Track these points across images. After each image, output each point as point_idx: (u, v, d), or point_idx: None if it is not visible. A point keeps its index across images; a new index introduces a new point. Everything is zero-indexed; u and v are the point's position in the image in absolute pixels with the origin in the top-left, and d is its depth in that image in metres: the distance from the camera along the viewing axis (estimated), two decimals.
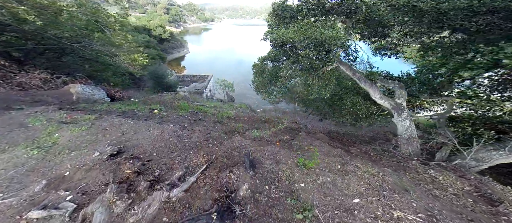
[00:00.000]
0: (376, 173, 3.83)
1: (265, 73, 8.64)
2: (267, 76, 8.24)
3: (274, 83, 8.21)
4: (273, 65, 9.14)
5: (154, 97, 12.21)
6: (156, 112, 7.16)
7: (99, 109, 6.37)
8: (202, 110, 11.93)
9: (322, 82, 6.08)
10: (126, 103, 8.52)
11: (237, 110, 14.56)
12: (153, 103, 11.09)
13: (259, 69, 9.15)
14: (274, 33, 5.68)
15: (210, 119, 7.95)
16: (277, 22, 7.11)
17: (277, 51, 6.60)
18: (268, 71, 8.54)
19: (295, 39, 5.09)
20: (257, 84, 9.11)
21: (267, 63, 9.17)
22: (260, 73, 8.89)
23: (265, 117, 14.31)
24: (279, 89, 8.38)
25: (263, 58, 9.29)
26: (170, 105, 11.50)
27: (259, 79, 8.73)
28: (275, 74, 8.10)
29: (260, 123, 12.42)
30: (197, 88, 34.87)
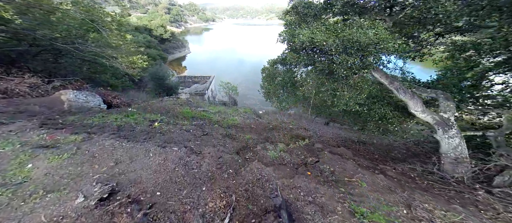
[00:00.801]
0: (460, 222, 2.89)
1: (276, 79, 7.69)
2: (279, 82, 7.30)
3: (287, 90, 7.27)
4: (285, 68, 8.19)
5: (155, 102, 11.28)
6: (156, 125, 6.22)
7: (90, 124, 5.43)
8: (207, 117, 11.01)
9: (353, 92, 5.15)
10: (123, 112, 7.60)
11: (242, 115, 13.64)
12: (153, 110, 10.15)
13: (270, 73, 8.20)
14: (300, 34, 4.74)
15: (217, 131, 7.02)
16: (297, 21, 6.16)
17: (297, 55, 5.66)
18: (280, 76, 7.60)
19: (329, 42, 4.17)
20: (267, 91, 8.17)
21: (278, 67, 8.23)
22: (271, 79, 7.95)
23: (272, 123, 13.37)
24: (293, 97, 7.45)
25: (274, 61, 8.35)
26: (172, 112, 10.57)
27: (270, 86, 7.79)
28: (289, 80, 7.15)
29: (269, 131, 11.49)
30: (198, 89, 34.01)
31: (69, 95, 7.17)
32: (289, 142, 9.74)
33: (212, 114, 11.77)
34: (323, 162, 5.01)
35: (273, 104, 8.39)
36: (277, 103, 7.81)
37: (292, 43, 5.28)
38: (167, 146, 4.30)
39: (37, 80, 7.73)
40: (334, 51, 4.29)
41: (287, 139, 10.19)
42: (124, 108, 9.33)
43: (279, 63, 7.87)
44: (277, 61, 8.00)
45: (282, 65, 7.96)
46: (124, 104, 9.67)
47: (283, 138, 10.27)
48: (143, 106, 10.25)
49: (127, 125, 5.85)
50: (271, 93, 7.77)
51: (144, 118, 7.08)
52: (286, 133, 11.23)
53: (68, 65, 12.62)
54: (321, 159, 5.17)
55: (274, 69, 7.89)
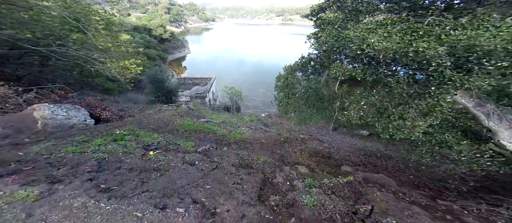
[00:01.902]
0: None
1: (297, 90, 6.33)
2: (301, 94, 5.95)
3: (310, 104, 5.92)
4: (305, 76, 6.82)
5: (152, 113, 9.91)
6: (151, 155, 4.87)
7: (60, 160, 4.06)
8: (211, 131, 9.65)
9: (423, 119, 3.78)
10: (111, 134, 6.23)
11: (248, 125, 12.27)
12: (149, 123, 8.78)
13: (287, 83, 6.84)
14: (368, 39, 3.32)
15: (227, 159, 5.65)
16: (340, 18, 4.79)
17: (350, 66, 4.28)
18: (302, 86, 6.24)
19: (429, 52, 2.76)
20: (284, 104, 6.82)
21: (297, 75, 6.87)
22: (289, 89, 6.58)
23: (282, 135, 12.01)
24: (320, 113, 6.10)
25: (292, 68, 6.98)
26: (171, 126, 9.20)
27: (288, 99, 6.43)
28: (314, 93, 5.79)
29: (281, 146, 10.13)
30: (199, 91, 32.69)
31: (44, 111, 5.82)
32: (310, 161, 8.39)
33: (217, 126, 10.41)
34: (381, 212, 3.65)
35: (293, 122, 7.04)
36: (297, 119, 6.45)
37: (339, 49, 3.92)
38: (168, 206, 2.93)
39: (6, 90, 6.34)
40: (436, 62, 2.89)
41: (306, 157, 8.84)
42: (116, 123, 7.96)
43: (298, 70, 6.53)
44: (296, 68, 6.66)
45: (302, 73, 6.64)
46: (116, 117, 8.32)
47: (301, 157, 8.91)
48: (138, 119, 8.89)
49: (112, 158, 4.48)
50: (289, 107, 6.42)
51: (137, 143, 5.70)
52: (302, 149, 9.88)
53: (56, 68, 11.23)
54: (375, 205, 3.81)
55: (293, 77, 6.56)
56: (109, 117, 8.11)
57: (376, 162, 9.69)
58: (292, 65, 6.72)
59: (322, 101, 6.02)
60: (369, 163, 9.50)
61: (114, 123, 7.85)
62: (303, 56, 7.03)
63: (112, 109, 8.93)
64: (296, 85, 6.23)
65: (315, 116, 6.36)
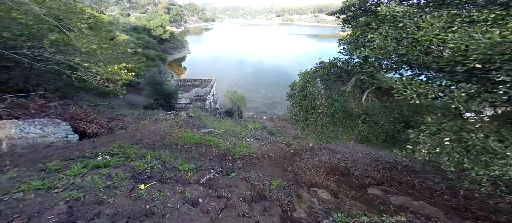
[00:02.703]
0: None
1: (318, 103, 5.26)
2: (325, 109, 4.89)
3: (337, 121, 4.86)
4: (328, 85, 5.74)
5: (147, 124, 8.81)
6: (142, 190, 3.80)
7: (15, 204, 3.03)
8: (214, 143, 8.57)
9: None
10: (93, 157, 5.16)
11: (253, 134, 11.18)
12: (144, 137, 7.69)
13: (305, 93, 5.76)
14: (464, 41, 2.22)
15: (236, 189, 4.59)
16: (401, 13, 3.64)
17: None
18: (326, 99, 5.16)
19: None
20: (301, 120, 5.74)
21: (317, 84, 5.79)
22: (308, 102, 5.51)
23: (291, 146, 10.91)
24: (349, 132, 5.04)
25: (311, 75, 5.91)
26: (169, 140, 8.12)
27: (310, 115, 5.37)
28: (341, 108, 4.73)
29: (292, 161, 9.06)
30: (199, 94, 31.67)
31: (10, 130, 4.75)
32: (329, 181, 7.31)
33: (219, 136, 9.33)
34: None
35: (313, 140, 5.97)
36: (318, 137, 5.38)
37: (402, 55, 2.86)
38: None
39: None
40: None
41: (323, 176, 7.76)
42: (104, 138, 6.88)
43: (319, 78, 5.46)
44: (316, 75, 5.59)
45: (322, 81, 5.57)
46: (105, 130, 7.24)
47: (317, 175, 7.83)
48: (130, 132, 7.80)
49: (89, 198, 3.41)
50: (309, 124, 5.35)
51: (125, 170, 4.63)
52: (316, 164, 8.80)
53: (42, 72, 10.14)
54: None
55: (312, 86, 5.48)
56: (97, 131, 7.03)
57: (400, 178, 8.61)
58: (311, 71, 5.67)
59: (352, 118, 4.98)
60: (392, 179, 8.42)
61: (102, 139, 6.78)
62: (322, 61, 5.98)
63: (101, 120, 7.84)
64: (316, 97, 5.17)
65: (342, 135, 5.30)
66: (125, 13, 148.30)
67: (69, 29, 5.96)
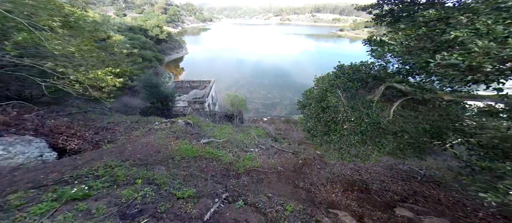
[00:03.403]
0: None
1: (340, 117, 4.37)
2: (352, 126, 4.01)
3: (371, 140, 3.99)
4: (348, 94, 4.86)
5: (140, 136, 7.85)
6: None
7: None
8: (215, 156, 7.65)
9: None
10: (71, 184, 4.24)
11: (257, 142, 10.27)
12: (135, 152, 6.75)
13: (325, 105, 4.86)
14: None
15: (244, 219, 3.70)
16: None
17: None
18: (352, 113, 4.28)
19: None
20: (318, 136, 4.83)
21: (338, 92, 4.88)
22: (329, 115, 4.61)
23: (299, 155, 10.03)
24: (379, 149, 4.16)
25: (332, 82, 5.04)
26: (164, 153, 7.18)
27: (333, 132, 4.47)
28: (373, 124, 3.85)
29: (301, 172, 8.19)
30: (197, 96, 30.75)
31: None
32: (348, 200, 6.43)
33: (221, 148, 8.40)
34: None
35: (330, 156, 5.06)
36: (342, 157, 4.50)
37: None
38: None
39: None
40: None
41: (340, 193, 6.89)
42: (88, 155, 5.92)
43: (340, 87, 4.56)
44: (336, 82, 4.69)
45: (344, 89, 4.67)
46: (90, 145, 6.27)
47: (333, 191, 6.95)
48: (120, 146, 6.84)
49: None
50: (331, 141, 4.45)
51: (109, 201, 3.72)
52: (329, 177, 7.93)
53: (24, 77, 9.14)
54: None
55: (334, 96, 4.56)
56: (80, 146, 6.06)
57: (422, 191, 7.78)
58: (329, 77, 4.77)
59: (386, 135, 4.11)
60: (415, 193, 7.58)
61: (86, 156, 5.83)
62: (341, 65, 5.09)
63: (85, 133, 6.86)
64: (339, 109, 4.26)
65: (374, 155, 4.41)
66: (121, 13, 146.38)
67: (40, 28, 5.01)
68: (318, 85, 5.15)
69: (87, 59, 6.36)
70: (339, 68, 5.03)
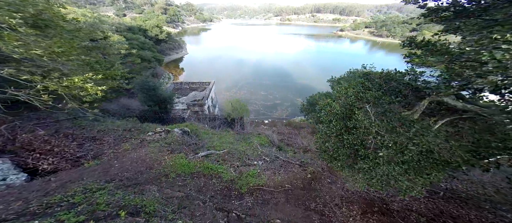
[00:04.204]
0: None
1: (372, 140, 3.50)
2: (392, 152, 3.14)
3: (412, 166, 3.12)
4: (379, 109, 3.96)
5: (130, 149, 6.95)
6: None
7: None
8: (215, 172, 6.78)
9: None
10: (40, 217, 3.39)
11: (260, 153, 9.39)
12: (122, 173, 5.88)
13: (351, 123, 3.96)
14: None
15: None
16: None
17: None
18: (392, 136, 3.39)
19: None
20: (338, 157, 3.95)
21: (367, 110, 3.98)
22: (359, 135, 3.72)
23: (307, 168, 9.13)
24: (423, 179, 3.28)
25: (359, 94, 4.16)
26: (157, 170, 6.30)
27: (364, 160, 3.58)
28: (426, 150, 2.98)
29: (311, 189, 7.32)
30: (197, 98, 29.87)
31: None
32: None
33: (221, 162, 7.53)
34: None
35: (358, 185, 4.18)
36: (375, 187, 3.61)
37: None
38: None
39: None
40: None
41: (359, 216, 6.01)
42: (65, 175, 5.05)
43: (370, 101, 3.63)
44: (368, 95, 3.73)
45: (374, 103, 3.76)
46: (69, 162, 5.38)
47: (350, 213, 6.08)
48: (106, 163, 5.97)
49: None
50: (361, 169, 3.56)
51: None
52: (343, 194, 7.06)
53: None
54: None
55: (362, 111, 3.64)
56: (56, 164, 5.14)
57: (449, 210, 6.89)
58: (356, 88, 3.82)
59: (437, 164, 3.22)
60: (441, 213, 6.70)
61: (62, 176, 4.97)
62: (367, 72, 4.21)
63: (64, 149, 5.96)
64: (371, 131, 3.34)
65: (418, 188, 3.50)
66: (121, 13, 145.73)
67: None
68: (339, 97, 4.21)
69: (65, 64, 5.47)
70: (365, 76, 4.15)
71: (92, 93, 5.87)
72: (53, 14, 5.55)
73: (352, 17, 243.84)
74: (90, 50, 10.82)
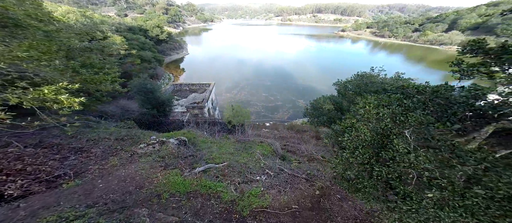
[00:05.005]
0: None
1: (414, 173, 2.72)
2: (449, 194, 2.35)
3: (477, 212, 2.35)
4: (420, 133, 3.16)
5: (117, 165, 6.20)
6: None
7: None
8: (213, 192, 6.04)
9: None
10: None
11: (263, 166, 8.64)
12: (107, 195, 5.15)
13: (387, 154, 3.14)
14: None
15: None
16: None
17: None
18: (450, 172, 2.59)
19: None
20: (365, 188, 3.15)
21: (407, 137, 3.17)
22: (395, 167, 2.92)
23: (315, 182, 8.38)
24: None
25: (396, 116, 3.32)
26: (148, 190, 5.56)
27: (406, 202, 2.75)
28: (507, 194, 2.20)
29: (320, 208, 6.56)
30: (197, 100, 29.17)
31: None
32: None
33: (221, 178, 6.79)
34: None
35: (382, 218, 3.41)
36: None
37: None
38: None
39: None
40: None
41: None
42: (36, 201, 4.32)
43: (411, 124, 2.80)
44: (410, 122, 2.88)
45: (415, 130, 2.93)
46: (42, 184, 4.61)
47: None
48: (89, 182, 5.24)
49: None
50: (397, 209, 2.77)
51: None
52: (357, 215, 6.30)
53: None
54: None
55: (402, 142, 2.79)
56: (24, 188, 4.36)
57: None
58: (392, 107, 2.98)
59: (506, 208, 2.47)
60: None
61: (33, 202, 4.24)
62: (406, 85, 3.34)
63: (39, 167, 5.17)
64: (417, 166, 2.53)
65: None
66: (122, 13, 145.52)
67: None
68: (369, 118, 3.33)
69: (37, 70, 4.73)
70: (399, 89, 3.30)
71: (67, 106, 5.08)
72: (23, 13, 4.77)
73: (353, 18, 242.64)
74: (83, 51, 10.12)
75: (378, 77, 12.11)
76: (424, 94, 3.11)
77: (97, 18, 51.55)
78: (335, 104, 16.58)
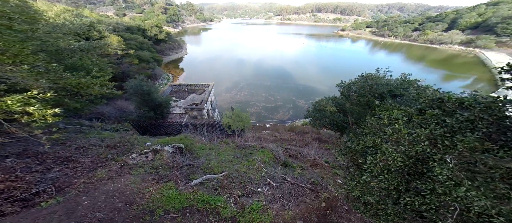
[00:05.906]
0: None
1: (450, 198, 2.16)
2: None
3: None
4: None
5: (105, 178, 5.64)
6: None
7: None
8: (211, 208, 5.51)
9: None
10: None
11: (264, 175, 8.12)
12: (93, 213, 4.60)
13: (429, 184, 2.55)
14: None
15: None
16: None
17: None
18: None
19: None
20: (385, 214, 2.61)
21: (447, 162, 2.57)
22: (434, 200, 2.34)
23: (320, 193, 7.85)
24: None
25: (440, 139, 2.72)
26: (138, 207, 5.02)
27: None
28: None
29: (326, 220, 6.05)
30: (195, 101, 28.63)
31: None
32: None
33: (219, 191, 6.26)
34: None
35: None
36: None
37: None
38: None
39: None
40: None
41: None
42: (13, 221, 3.79)
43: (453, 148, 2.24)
44: (463, 145, 2.30)
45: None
46: (18, 204, 4.07)
47: None
48: (72, 199, 4.69)
49: None
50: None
51: None
52: None
53: None
54: None
55: (440, 164, 2.25)
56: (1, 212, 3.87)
57: None
58: (425, 123, 2.36)
59: None
60: None
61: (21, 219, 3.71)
62: (440, 97, 2.72)
63: (13, 184, 4.61)
64: (471, 202, 1.95)
65: None
66: (120, 13, 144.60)
67: None
68: (398, 139, 2.66)
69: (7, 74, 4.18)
70: (435, 103, 2.65)
71: (38, 117, 4.46)
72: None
73: (353, 17, 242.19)
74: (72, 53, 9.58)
75: (384, 79, 11.57)
76: (471, 111, 2.52)
77: (94, 17, 50.74)
78: (338, 106, 16.08)
